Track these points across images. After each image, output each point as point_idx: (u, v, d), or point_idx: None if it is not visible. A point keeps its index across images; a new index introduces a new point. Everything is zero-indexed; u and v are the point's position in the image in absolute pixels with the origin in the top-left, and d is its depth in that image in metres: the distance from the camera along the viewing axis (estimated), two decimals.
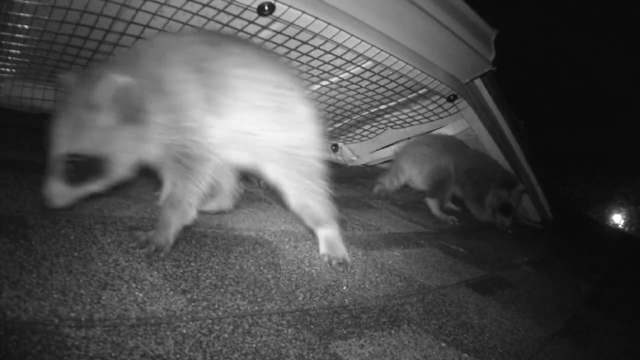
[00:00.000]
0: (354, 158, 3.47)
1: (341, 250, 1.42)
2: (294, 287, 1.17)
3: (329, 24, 2.01)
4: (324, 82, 2.61)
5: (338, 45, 2.18)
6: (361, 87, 2.67)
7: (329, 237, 1.43)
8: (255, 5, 1.83)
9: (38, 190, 1.22)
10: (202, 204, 1.25)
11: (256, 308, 1.02)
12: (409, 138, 3.24)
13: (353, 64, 2.40)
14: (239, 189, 1.54)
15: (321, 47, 2.20)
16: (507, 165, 3.43)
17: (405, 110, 3.07)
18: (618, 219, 10.64)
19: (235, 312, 0.98)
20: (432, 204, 2.75)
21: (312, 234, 1.51)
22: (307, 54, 2.26)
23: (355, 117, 3.11)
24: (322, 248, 1.43)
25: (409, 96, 2.86)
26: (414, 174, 2.87)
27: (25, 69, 2.05)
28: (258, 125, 1.26)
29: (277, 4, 1.84)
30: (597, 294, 2.35)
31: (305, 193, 1.34)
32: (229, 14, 1.89)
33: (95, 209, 1.23)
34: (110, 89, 1.04)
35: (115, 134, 1.08)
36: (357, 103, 2.91)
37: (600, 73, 9.42)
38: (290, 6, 1.87)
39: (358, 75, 2.53)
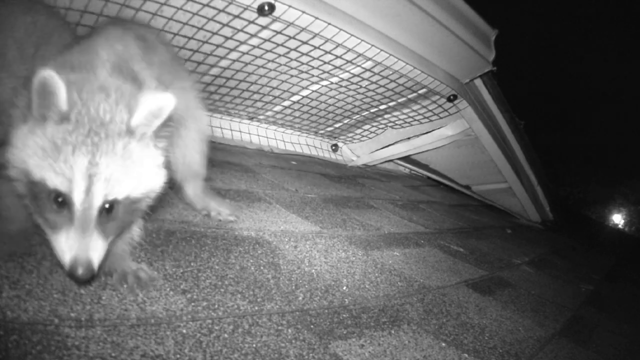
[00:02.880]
0: (354, 158, 3.47)
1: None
2: (294, 287, 1.17)
3: (329, 24, 2.01)
4: (324, 82, 2.61)
5: (338, 45, 2.18)
6: (361, 87, 2.67)
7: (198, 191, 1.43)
8: (255, 5, 1.83)
9: None
10: None
11: (256, 308, 1.02)
12: (409, 138, 3.25)
13: (353, 64, 2.40)
14: None
15: (321, 47, 2.20)
16: (507, 165, 3.43)
17: (405, 110, 3.07)
18: (618, 219, 10.64)
19: (235, 312, 0.98)
20: None
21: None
22: (307, 54, 2.26)
23: (355, 117, 3.11)
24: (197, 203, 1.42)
25: (409, 96, 2.86)
26: None
27: None
28: None
29: (277, 4, 1.83)
30: (597, 294, 2.35)
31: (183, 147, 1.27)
32: (229, 14, 1.89)
33: None
34: None
35: None
36: (357, 103, 2.91)
37: (601, 73, 9.43)
38: (290, 6, 1.87)
39: (358, 76, 2.53)
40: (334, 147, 3.41)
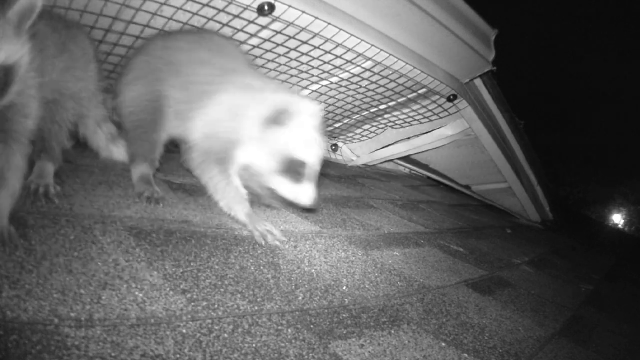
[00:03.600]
0: (354, 158, 3.47)
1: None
2: (294, 287, 1.17)
3: (329, 24, 2.01)
4: (324, 82, 2.61)
5: (338, 45, 2.18)
6: (361, 87, 2.67)
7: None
8: (255, 5, 1.83)
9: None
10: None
11: (256, 308, 1.02)
12: (409, 138, 3.24)
13: (353, 64, 2.40)
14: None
15: (321, 47, 2.20)
16: (507, 165, 3.43)
17: (405, 110, 3.07)
18: (618, 219, 10.65)
19: (235, 312, 0.98)
20: None
21: (311, 235, 1.51)
22: (307, 54, 2.26)
23: (355, 117, 3.11)
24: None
25: (409, 96, 2.86)
26: None
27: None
28: None
29: (277, 4, 1.83)
30: (597, 294, 2.35)
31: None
32: (229, 14, 1.89)
33: (95, 209, 1.23)
34: None
35: None
36: (357, 103, 2.91)
37: (601, 73, 9.42)
38: (290, 6, 1.87)
39: (358, 75, 2.53)
40: (333, 147, 3.41)
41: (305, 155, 1.40)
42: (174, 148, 2.09)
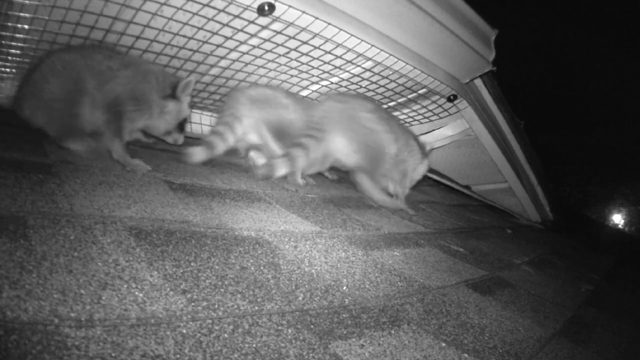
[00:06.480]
0: None
1: None
2: (294, 287, 1.17)
3: (329, 24, 2.01)
4: (324, 82, 2.61)
5: (338, 45, 2.18)
6: (361, 87, 2.67)
7: None
8: (255, 5, 1.83)
9: (38, 190, 1.23)
10: None
11: (256, 308, 1.02)
12: None
13: (353, 64, 2.40)
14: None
15: (321, 47, 2.20)
16: (507, 165, 3.43)
17: (405, 110, 3.07)
18: (618, 219, 10.64)
19: (235, 312, 0.98)
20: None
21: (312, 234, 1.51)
22: (307, 54, 2.26)
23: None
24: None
25: (409, 96, 2.86)
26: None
27: (25, 69, 2.05)
28: None
29: (277, 4, 1.84)
30: (597, 294, 2.35)
31: None
32: (229, 14, 1.89)
33: (95, 209, 1.23)
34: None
35: None
36: None
37: (601, 73, 9.42)
38: (290, 6, 1.87)
39: (358, 76, 2.53)
40: None
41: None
42: (175, 148, 2.09)
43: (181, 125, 2.01)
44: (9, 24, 1.74)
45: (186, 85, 1.91)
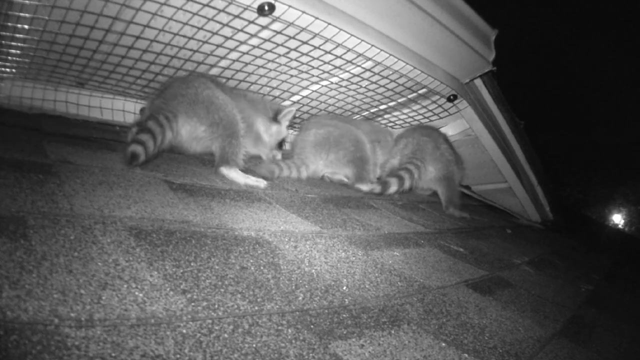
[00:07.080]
0: None
1: None
2: (294, 287, 1.17)
3: (329, 24, 2.01)
4: (324, 82, 2.61)
5: (338, 45, 2.18)
6: (361, 87, 2.67)
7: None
8: (255, 5, 1.83)
9: (38, 190, 1.23)
10: None
11: (256, 308, 1.02)
12: None
13: (353, 64, 2.40)
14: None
15: (321, 47, 2.20)
16: (507, 165, 3.43)
17: (405, 110, 3.07)
18: (618, 219, 10.64)
19: (235, 312, 0.98)
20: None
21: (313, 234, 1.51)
22: (307, 54, 2.26)
23: (355, 117, 3.11)
24: None
25: (409, 96, 2.86)
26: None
27: (25, 69, 2.05)
28: None
29: (277, 4, 1.84)
30: (597, 294, 2.35)
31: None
32: (229, 14, 1.89)
33: (95, 209, 1.23)
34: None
35: None
36: (357, 103, 2.91)
37: (601, 73, 9.41)
38: (290, 6, 1.87)
39: (358, 76, 2.53)
40: None
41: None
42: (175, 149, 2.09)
43: (280, 144, 2.66)
44: (9, 24, 1.74)
45: (287, 113, 2.45)
